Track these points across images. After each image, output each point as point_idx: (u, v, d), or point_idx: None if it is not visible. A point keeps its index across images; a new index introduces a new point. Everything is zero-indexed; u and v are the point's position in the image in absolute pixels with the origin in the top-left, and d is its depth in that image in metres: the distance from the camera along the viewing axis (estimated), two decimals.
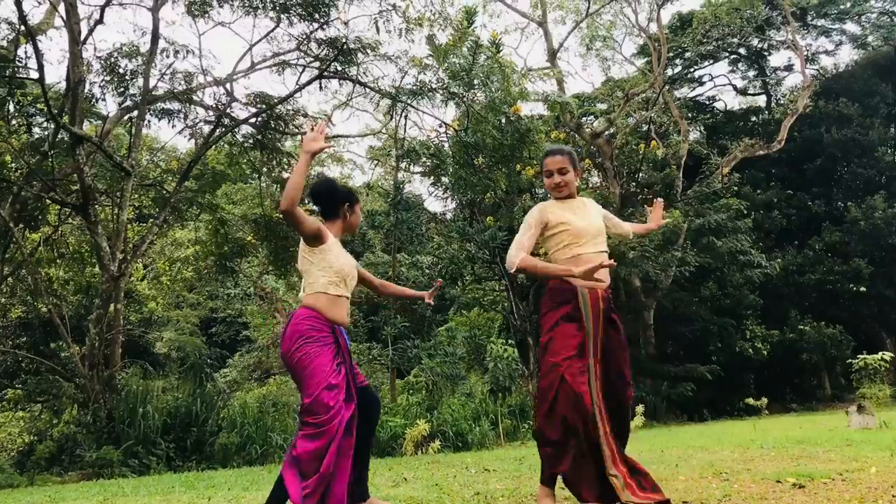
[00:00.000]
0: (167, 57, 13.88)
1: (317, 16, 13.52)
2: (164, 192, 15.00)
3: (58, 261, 15.87)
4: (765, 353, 22.28)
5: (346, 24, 14.10)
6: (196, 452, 11.14)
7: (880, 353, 16.71)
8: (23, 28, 11.80)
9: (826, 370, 25.59)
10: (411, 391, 20.01)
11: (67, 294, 16.41)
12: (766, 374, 24.44)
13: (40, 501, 6.25)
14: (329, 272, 3.92)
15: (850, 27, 31.11)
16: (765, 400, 19.86)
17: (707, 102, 32.51)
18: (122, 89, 13.89)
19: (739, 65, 32.41)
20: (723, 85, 33.39)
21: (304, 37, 14.26)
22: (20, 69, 13.06)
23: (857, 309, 25.67)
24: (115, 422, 10.91)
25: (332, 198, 4.19)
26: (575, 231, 4.07)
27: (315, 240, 3.89)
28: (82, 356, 11.83)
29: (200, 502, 5.35)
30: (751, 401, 19.95)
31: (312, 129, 3.76)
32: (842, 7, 29.92)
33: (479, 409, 14.97)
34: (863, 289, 24.36)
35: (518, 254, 3.96)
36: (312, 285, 3.91)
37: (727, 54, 30.77)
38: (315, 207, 4.30)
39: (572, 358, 3.84)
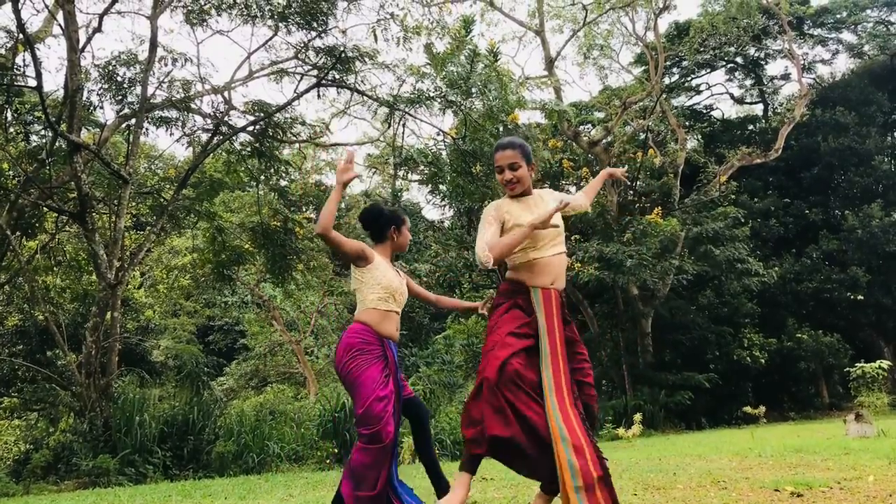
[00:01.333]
0: (165, 65, 13.89)
1: (315, 24, 13.54)
2: (162, 199, 14.99)
3: (55, 269, 15.85)
4: (762, 361, 22.27)
5: (344, 32, 14.13)
6: (193, 461, 11.11)
7: (878, 362, 16.67)
8: (21, 36, 11.80)
9: (824, 378, 25.59)
10: None
11: (64, 302, 16.37)
12: (764, 382, 24.42)
13: None
14: (377, 289, 4.14)
15: (847, 36, 31.30)
16: (763, 408, 19.84)
17: (704, 111, 32.61)
18: (120, 97, 13.89)
19: (736, 74, 32.54)
20: (720, 94, 33.61)
21: (303, 45, 14.28)
22: (18, 77, 13.07)
23: (855, 317, 25.69)
24: (111, 430, 10.88)
25: (378, 222, 4.40)
26: (532, 234, 3.83)
27: (361, 260, 4.13)
28: (79, 364, 11.79)
29: None
30: (749, 409, 19.92)
31: (311, 138, 3.89)
32: (838, 16, 30.06)
33: None
34: (860, 297, 24.38)
35: (485, 248, 3.73)
36: (364, 302, 4.15)
37: (724, 63, 30.89)
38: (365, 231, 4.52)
39: (513, 335, 3.69)
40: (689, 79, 31.25)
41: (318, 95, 15.21)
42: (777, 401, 23.77)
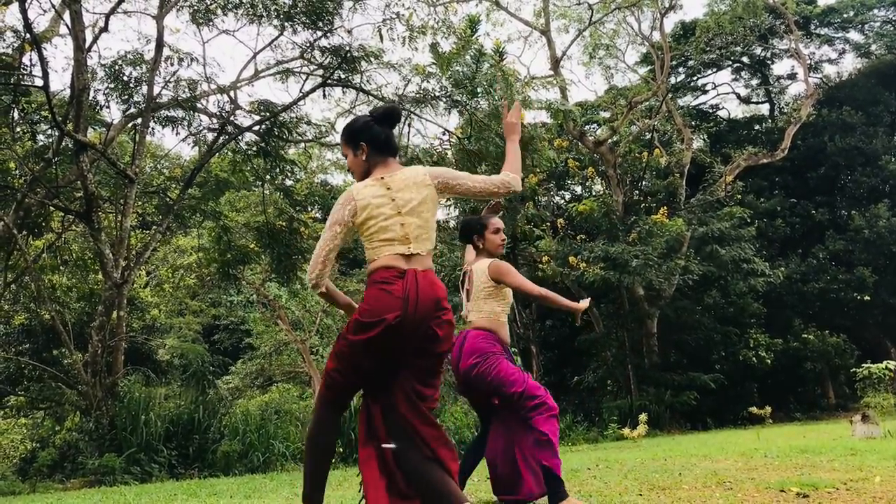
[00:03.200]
0: (171, 65, 13.94)
1: (321, 24, 13.56)
2: (168, 199, 15.02)
3: (61, 268, 15.89)
4: (768, 361, 22.20)
5: (349, 32, 14.15)
6: (198, 460, 11.13)
7: (885, 362, 16.59)
8: (28, 36, 11.84)
9: (830, 379, 25.50)
10: None
11: (70, 301, 16.42)
12: (770, 382, 24.34)
13: None
14: (503, 303, 4.52)
15: (854, 36, 31.18)
16: (768, 409, 19.71)
17: (710, 111, 32.53)
18: (126, 97, 13.94)
19: (742, 73, 32.46)
20: (726, 93, 33.47)
21: (308, 45, 14.30)
22: (25, 76, 13.11)
23: (861, 317, 25.59)
24: (117, 429, 10.91)
25: (465, 235, 4.78)
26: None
27: (499, 283, 4.47)
28: (85, 363, 11.82)
29: None
30: (754, 409, 19.79)
31: (317, 138, 3.87)
32: (845, 16, 29.96)
33: None
34: (867, 297, 24.29)
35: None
36: (489, 313, 4.48)
37: (730, 63, 30.81)
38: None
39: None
40: (695, 78, 31.18)
41: (324, 95, 15.22)
42: (783, 401, 23.68)
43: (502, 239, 4.64)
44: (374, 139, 3.27)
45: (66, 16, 12.54)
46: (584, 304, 4.54)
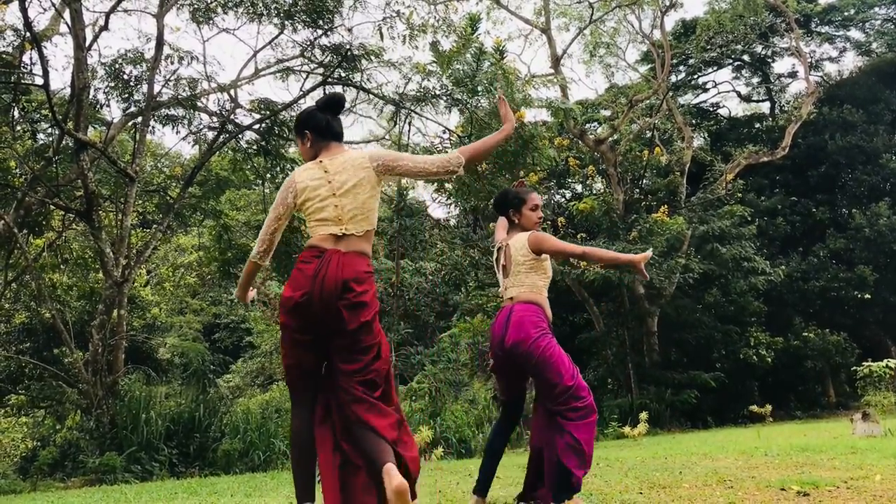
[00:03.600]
0: (171, 63, 13.94)
1: (321, 22, 13.57)
2: (168, 198, 15.04)
3: (61, 266, 15.90)
4: (769, 360, 22.19)
5: (350, 30, 14.16)
6: (199, 458, 11.14)
7: (885, 361, 16.57)
8: (28, 34, 11.84)
9: (830, 377, 25.49)
10: (414, 398, 19.95)
11: (71, 300, 16.43)
12: (771, 381, 24.33)
13: None
14: (545, 277, 4.34)
15: (854, 34, 31.14)
16: (769, 407, 19.74)
17: (711, 109, 32.49)
18: (126, 95, 13.94)
19: (743, 71, 32.42)
20: (726, 91, 33.41)
21: (308, 43, 14.31)
22: (25, 75, 13.12)
23: (862, 316, 25.58)
24: (117, 428, 10.92)
25: (500, 208, 4.64)
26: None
27: (540, 253, 4.31)
28: (85, 362, 11.84)
29: None
30: (755, 408, 19.82)
31: None
32: (846, 14, 29.91)
33: (482, 416, 14.96)
34: (867, 296, 24.27)
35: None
36: (531, 286, 4.28)
37: (731, 61, 30.77)
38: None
39: None
40: (695, 77, 31.14)
41: (324, 93, 15.19)
42: (783, 400, 23.68)
43: (539, 217, 4.45)
44: (316, 126, 3.47)
45: (67, 14, 12.55)
46: (647, 254, 4.18)
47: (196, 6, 13.67)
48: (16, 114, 13.59)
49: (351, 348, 3.21)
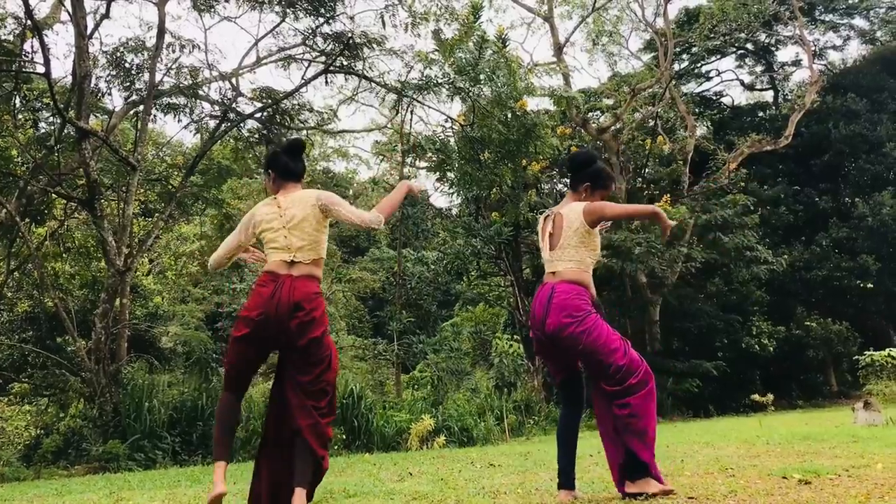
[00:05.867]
0: (173, 52, 13.92)
1: (322, 10, 13.52)
2: (170, 186, 15.03)
3: (64, 255, 15.91)
4: (771, 349, 22.22)
5: (352, 18, 14.11)
6: (202, 447, 11.17)
7: (887, 350, 16.63)
8: (29, 22, 11.80)
9: (832, 366, 25.53)
10: (416, 386, 20.02)
11: (73, 288, 16.44)
12: (772, 370, 24.37)
13: (46, 494, 6.26)
14: (593, 254, 4.16)
15: (859, 22, 31.01)
16: (771, 396, 19.82)
17: (714, 98, 32.40)
18: (127, 84, 13.92)
19: (747, 60, 32.30)
20: (730, 80, 33.31)
21: (310, 31, 14.26)
22: (26, 63, 13.08)
23: (864, 305, 25.58)
24: (121, 416, 10.96)
25: (577, 170, 4.32)
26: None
27: (596, 223, 4.13)
28: (88, 350, 11.86)
29: (206, 496, 5.34)
30: (757, 397, 19.90)
31: (319, 125, 4.03)
32: (850, 2, 29.77)
33: (484, 404, 14.98)
34: (870, 285, 24.27)
35: None
36: (578, 262, 4.10)
37: (734, 49, 30.63)
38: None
39: None
40: (698, 65, 31.02)
41: (326, 82, 15.18)
42: (785, 389, 23.71)
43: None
44: (277, 167, 4.02)
45: (68, 2, 12.51)
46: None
47: None
48: (17, 102, 13.56)
49: (305, 361, 3.69)
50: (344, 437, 11.95)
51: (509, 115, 15.42)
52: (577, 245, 4.07)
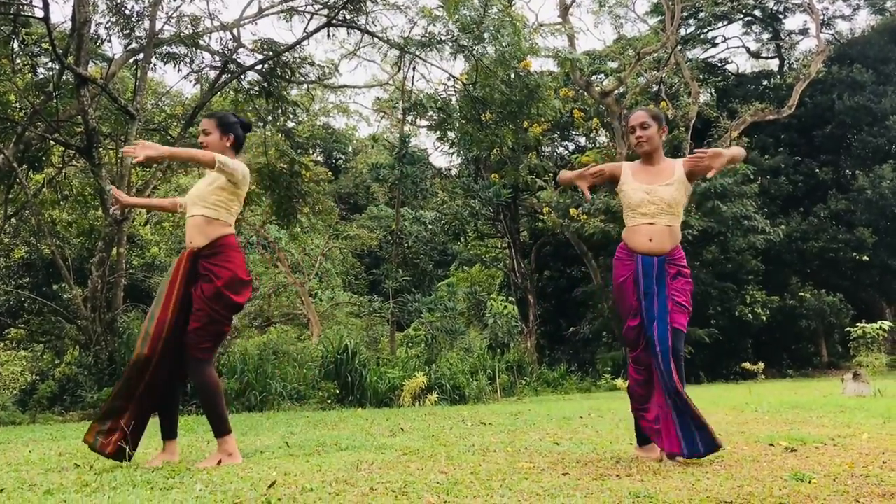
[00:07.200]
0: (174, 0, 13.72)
1: None
2: (169, 136, 14.92)
3: (61, 203, 15.88)
4: (764, 318, 22.35)
5: None
6: (195, 397, 11.26)
7: (879, 322, 16.72)
8: None
9: (824, 337, 25.71)
10: (410, 344, 20.16)
11: (70, 236, 16.44)
12: (765, 339, 24.54)
13: (42, 439, 6.34)
14: (623, 208, 4.36)
15: None
16: (761, 365, 19.96)
17: (719, 64, 32.09)
18: (128, 31, 13.74)
19: (754, 27, 31.89)
20: (736, 47, 33.08)
21: None
22: (25, 7, 12.90)
23: (859, 278, 25.68)
24: (116, 364, 11.03)
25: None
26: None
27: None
28: (84, 298, 11.90)
29: (199, 445, 5.42)
30: (748, 365, 20.05)
31: (320, 79, 4.07)
32: None
33: (476, 363, 15.10)
34: (865, 258, 24.34)
35: None
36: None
37: (742, 16, 30.25)
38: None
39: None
40: (705, 31, 30.66)
41: (328, 36, 15.00)
42: (776, 358, 23.91)
43: (637, 137, 4.19)
44: (237, 137, 4.36)
45: None
46: None
47: None
48: (15, 46, 13.40)
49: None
50: (337, 391, 12.05)
51: (512, 76, 15.29)
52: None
